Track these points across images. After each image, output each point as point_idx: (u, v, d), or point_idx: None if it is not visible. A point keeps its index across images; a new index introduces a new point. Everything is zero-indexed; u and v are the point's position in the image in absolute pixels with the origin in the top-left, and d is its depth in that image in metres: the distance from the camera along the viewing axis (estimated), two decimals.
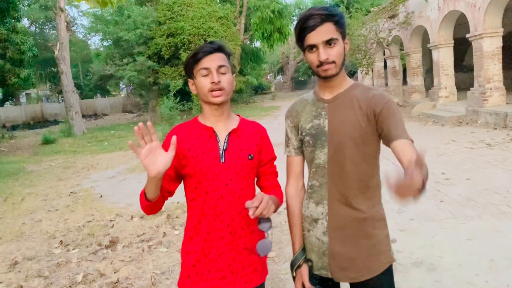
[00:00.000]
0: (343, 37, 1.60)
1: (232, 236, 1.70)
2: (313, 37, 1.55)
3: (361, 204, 1.65)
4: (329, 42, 1.55)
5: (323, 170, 1.68)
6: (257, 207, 1.52)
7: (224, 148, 1.71)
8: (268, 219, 1.64)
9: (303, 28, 1.56)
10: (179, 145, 1.70)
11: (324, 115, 1.67)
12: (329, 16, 1.55)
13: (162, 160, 1.50)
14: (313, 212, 1.74)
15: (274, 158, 1.89)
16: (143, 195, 1.61)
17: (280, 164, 1.90)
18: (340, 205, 1.67)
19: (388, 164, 4.73)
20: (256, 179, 1.87)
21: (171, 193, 1.76)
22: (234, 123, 1.77)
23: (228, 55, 1.74)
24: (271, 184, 1.88)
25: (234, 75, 1.77)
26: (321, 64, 1.57)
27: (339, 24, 1.57)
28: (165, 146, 1.69)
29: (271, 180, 1.88)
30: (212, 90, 1.65)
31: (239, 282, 1.72)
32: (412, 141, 1.51)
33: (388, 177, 1.15)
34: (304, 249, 1.79)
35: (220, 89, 1.65)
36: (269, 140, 1.87)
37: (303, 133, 1.73)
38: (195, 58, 1.68)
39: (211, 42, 1.71)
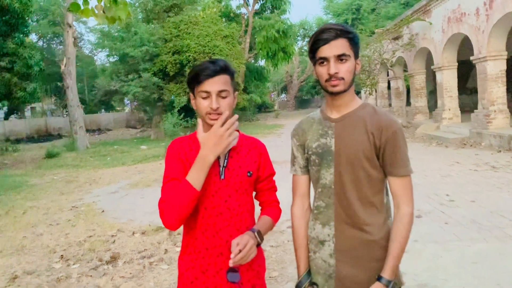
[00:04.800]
0: (355, 56, 1.60)
1: (230, 252, 1.67)
2: (325, 50, 1.55)
3: (369, 226, 1.62)
4: (340, 57, 1.55)
5: (329, 190, 1.66)
6: (239, 251, 1.54)
7: (224, 165, 1.71)
8: (237, 270, 1.62)
9: (317, 40, 1.57)
10: (182, 158, 1.71)
11: (331, 134, 1.65)
12: (344, 32, 1.56)
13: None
14: (319, 234, 1.70)
15: (273, 173, 1.89)
16: (190, 188, 1.55)
17: (284, 182, 1.90)
18: (347, 227, 1.64)
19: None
20: (254, 193, 1.88)
21: None
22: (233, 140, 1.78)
23: (232, 74, 1.71)
24: (269, 199, 1.88)
25: (236, 93, 1.76)
26: (330, 78, 1.56)
27: (353, 42, 1.58)
28: (169, 161, 1.72)
29: (269, 195, 1.88)
30: (209, 113, 1.65)
31: None
32: (409, 173, 1.61)
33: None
34: (309, 272, 1.75)
35: (218, 114, 1.64)
36: (268, 156, 1.87)
37: (309, 152, 1.72)
38: (197, 80, 1.66)
39: (213, 62, 1.67)
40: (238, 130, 1.83)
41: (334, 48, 1.55)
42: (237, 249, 1.54)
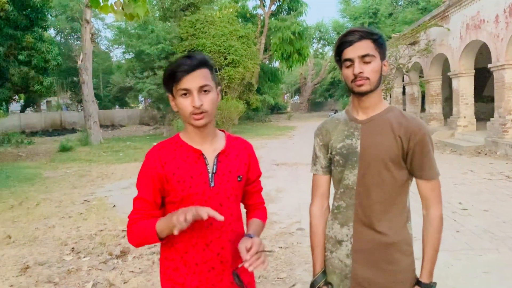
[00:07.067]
0: (382, 57, 1.61)
1: (223, 265, 1.59)
2: (350, 52, 1.58)
3: (387, 228, 1.62)
4: (365, 58, 1.56)
5: (351, 191, 1.66)
6: (254, 256, 1.44)
7: (214, 171, 1.59)
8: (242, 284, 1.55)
9: (342, 42, 1.60)
10: (163, 168, 1.56)
11: (357, 136, 1.65)
12: (368, 33, 1.58)
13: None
14: (337, 234, 1.71)
15: (260, 174, 1.83)
16: (155, 235, 1.49)
17: (295, 184, 1.90)
18: (366, 228, 1.65)
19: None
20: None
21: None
22: (221, 142, 1.66)
23: (211, 68, 1.56)
24: (256, 202, 1.82)
25: (219, 88, 1.63)
26: (355, 78, 1.58)
27: (378, 43, 1.59)
28: (141, 175, 1.59)
29: (256, 198, 1.82)
30: (193, 113, 1.51)
31: None
32: (437, 176, 1.67)
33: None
34: (324, 272, 1.76)
35: (202, 112, 1.51)
36: (256, 157, 1.79)
37: (333, 152, 1.71)
38: (174, 78, 1.50)
39: (189, 57, 1.51)
40: (223, 131, 1.74)
41: (358, 49, 1.56)
42: (254, 250, 1.44)
